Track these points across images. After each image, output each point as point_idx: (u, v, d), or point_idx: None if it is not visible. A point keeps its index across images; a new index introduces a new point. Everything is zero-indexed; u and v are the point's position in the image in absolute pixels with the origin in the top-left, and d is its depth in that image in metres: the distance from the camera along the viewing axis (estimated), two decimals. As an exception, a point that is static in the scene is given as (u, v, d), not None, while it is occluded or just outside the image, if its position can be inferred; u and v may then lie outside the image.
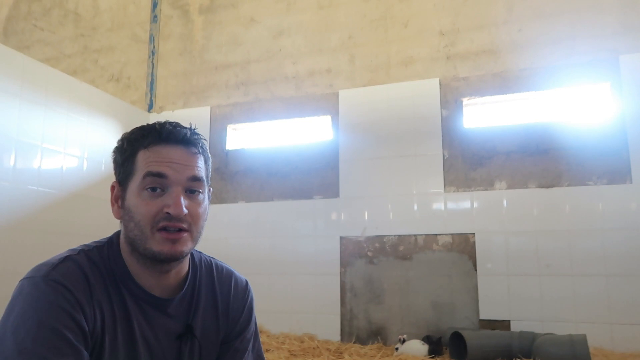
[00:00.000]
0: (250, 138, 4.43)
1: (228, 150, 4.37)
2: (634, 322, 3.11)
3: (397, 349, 3.29)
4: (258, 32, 4.50)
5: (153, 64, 4.82)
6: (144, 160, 1.02)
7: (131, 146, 1.05)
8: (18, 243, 3.15)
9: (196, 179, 1.04)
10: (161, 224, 1.00)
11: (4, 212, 3.07)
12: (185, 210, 1.00)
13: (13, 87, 3.18)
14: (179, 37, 4.80)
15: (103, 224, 3.76)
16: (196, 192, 1.05)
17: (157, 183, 1.01)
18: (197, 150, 1.07)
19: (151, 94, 4.76)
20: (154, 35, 4.87)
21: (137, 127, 1.08)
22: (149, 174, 1.01)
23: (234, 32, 4.59)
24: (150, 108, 4.73)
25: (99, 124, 3.90)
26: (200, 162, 1.07)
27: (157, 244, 1.00)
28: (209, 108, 4.51)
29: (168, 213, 0.99)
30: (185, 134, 1.05)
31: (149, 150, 1.03)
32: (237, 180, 4.27)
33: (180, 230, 1.02)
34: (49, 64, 4.27)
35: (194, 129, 1.09)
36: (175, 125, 1.06)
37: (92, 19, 5.16)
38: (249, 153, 4.30)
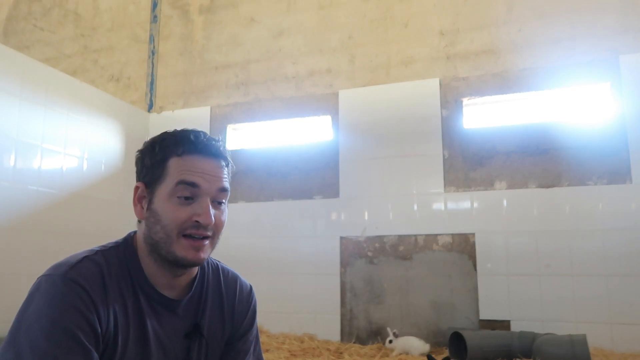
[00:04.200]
0: (250, 138, 4.43)
1: (228, 150, 4.36)
2: (634, 322, 3.11)
3: (390, 341, 3.30)
4: (258, 32, 4.50)
5: (153, 64, 4.82)
6: (177, 168, 1.06)
7: (163, 151, 1.08)
8: (18, 243, 3.14)
9: (224, 190, 1.10)
10: (188, 231, 1.04)
11: (4, 212, 3.07)
12: (213, 220, 1.06)
13: (13, 87, 3.18)
14: (179, 37, 4.80)
15: (103, 224, 3.77)
16: (222, 203, 1.12)
17: (189, 192, 1.05)
18: (225, 163, 1.13)
19: (151, 94, 4.76)
20: (154, 35, 4.87)
21: (168, 133, 1.12)
22: (182, 182, 1.05)
23: (234, 32, 4.59)
24: (150, 108, 4.73)
25: (99, 124, 3.90)
26: (226, 174, 1.13)
27: (182, 250, 1.04)
28: (209, 108, 4.51)
29: (197, 221, 1.04)
30: (218, 148, 1.11)
31: (183, 159, 1.07)
32: (237, 181, 4.27)
33: (204, 237, 1.07)
34: (49, 64, 4.27)
35: (220, 140, 1.15)
36: (209, 138, 1.12)
37: (92, 19, 5.16)
38: (248, 153, 4.30)
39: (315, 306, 3.85)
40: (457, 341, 3.14)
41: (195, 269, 1.17)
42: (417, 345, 3.26)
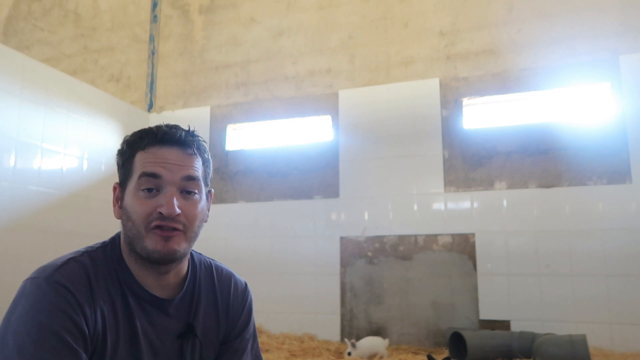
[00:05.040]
0: (250, 138, 4.43)
1: (228, 150, 4.37)
2: (634, 322, 3.11)
3: (349, 353, 3.07)
4: (258, 32, 4.50)
5: (153, 64, 4.82)
6: (141, 162, 1.04)
7: (130, 148, 1.07)
8: (18, 243, 3.15)
9: (191, 179, 1.05)
10: (154, 223, 1.01)
11: (4, 212, 3.07)
12: (177, 211, 1.01)
13: (13, 87, 3.18)
14: (179, 37, 4.80)
15: (103, 224, 3.76)
16: (192, 193, 1.06)
17: (152, 183, 1.03)
18: (192, 151, 1.08)
19: (151, 94, 4.76)
20: (154, 35, 4.87)
21: (137, 130, 1.10)
22: (144, 175, 1.03)
23: (234, 32, 4.59)
24: (150, 108, 4.73)
25: (99, 124, 3.90)
26: (197, 163, 1.08)
27: (151, 243, 1.01)
28: (209, 108, 4.51)
29: (161, 213, 1.01)
30: (181, 135, 1.06)
31: (146, 152, 1.05)
32: (237, 181, 4.27)
33: (174, 229, 1.03)
34: (49, 64, 4.27)
35: (193, 130, 1.10)
36: (172, 127, 1.08)
37: (92, 19, 5.16)
38: (249, 153, 4.30)
39: (315, 306, 3.84)
40: (457, 341, 3.14)
41: (184, 267, 1.14)
42: (381, 343, 3.20)
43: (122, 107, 4.25)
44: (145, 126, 1.11)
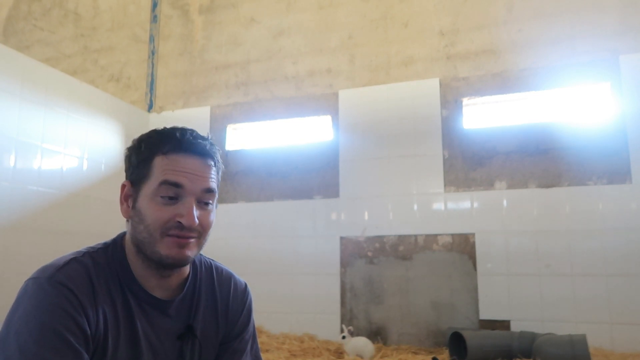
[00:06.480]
0: (250, 138, 4.43)
1: (228, 150, 4.37)
2: (634, 322, 3.11)
3: (344, 337, 3.31)
4: (258, 32, 4.50)
5: (153, 64, 4.82)
6: (161, 167, 1.04)
7: (149, 149, 1.07)
8: (18, 243, 3.14)
9: (210, 191, 1.07)
10: (171, 232, 1.02)
11: (4, 212, 3.07)
12: (197, 222, 1.03)
13: (13, 87, 3.18)
14: (179, 37, 4.80)
15: (103, 224, 3.77)
16: (208, 203, 1.08)
17: (172, 191, 1.03)
18: (212, 162, 1.09)
19: (151, 94, 4.76)
20: (154, 35, 4.87)
21: (155, 131, 1.10)
22: (166, 182, 1.03)
23: (234, 32, 4.59)
24: (150, 108, 4.73)
25: (99, 124, 3.90)
26: (214, 174, 1.10)
27: (165, 248, 1.02)
28: (208, 108, 4.51)
29: (180, 222, 1.02)
30: (205, 147, 1.08)
31: (167, 158, 1.04)
32: (237, 181, 4.27)
33: (190, 237, 1.04)
34: (49, 64, 4.27)
35: (211, 139, 1.12)
36: (195, 135, 1.08)
37: (92, 19, 5.16)
38: (249, 153, 4.30)
39: (315, 306, 3.84)
40: (457, 341, 3.14)
41: (187, 269, 1.15)
42: (370, 349, 3.22)
43: (122, 107, 4.24)
44: (145, 126, 1.11)
